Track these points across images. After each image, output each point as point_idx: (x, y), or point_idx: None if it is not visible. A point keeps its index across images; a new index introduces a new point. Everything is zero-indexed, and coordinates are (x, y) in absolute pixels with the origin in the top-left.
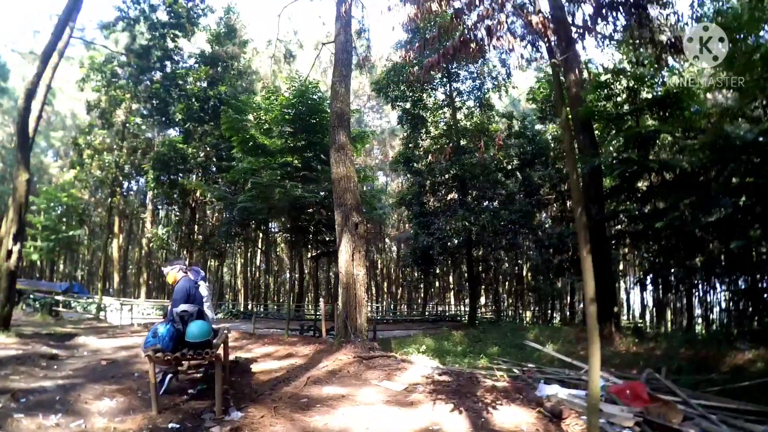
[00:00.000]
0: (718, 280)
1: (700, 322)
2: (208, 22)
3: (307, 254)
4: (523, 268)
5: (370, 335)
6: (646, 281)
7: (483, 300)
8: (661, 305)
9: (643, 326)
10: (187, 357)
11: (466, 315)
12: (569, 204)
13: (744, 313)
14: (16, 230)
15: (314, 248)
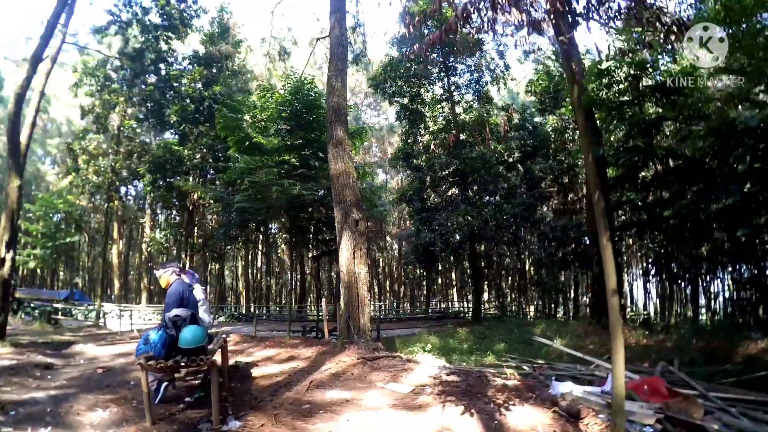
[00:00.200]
0: (724, 270)
1: (704, 312)
2: (202, 23)
3: (308, 254)
4: (525, 263)
5: (373, 335)
6: (651, 273)
7: (486, 296)
8: (665, 297)
9: (649, 318)
10: (181, 364)
11: (469, 311)
12: (571, 197)
13: (750, 303)
14: (8, 238)
15: (315, 248)
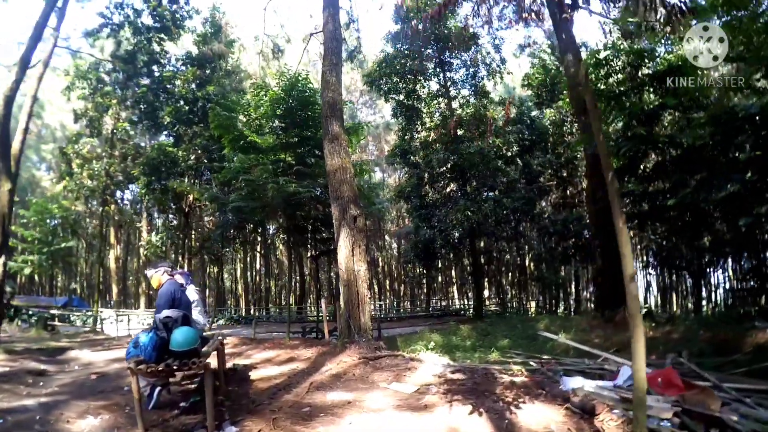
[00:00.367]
0: (726, 260)
1: (706, 304)
2: (194, 24)
3: (307, 254)
4: (526, 259)
5: (374, 334)
6: (653, 265)
7: (487, 293)
8: (665, 289)
9: (651, 311)
10: (172, 367)
11: (470, 309)
12: (570, 191)
13: (752, 293)
14: (0, 242)
15: (313, 248)
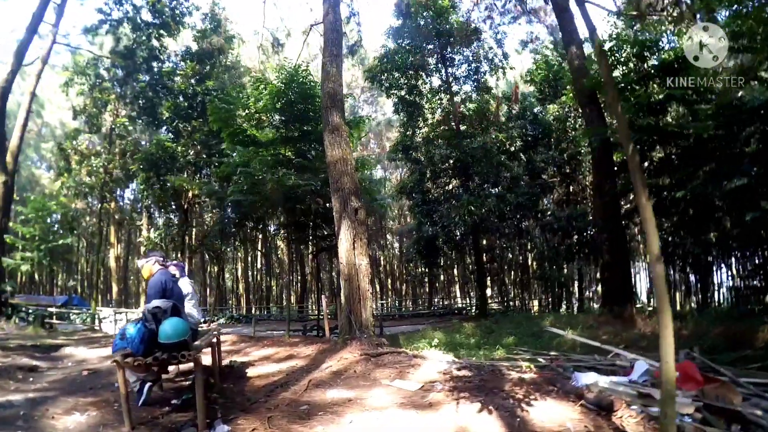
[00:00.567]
0: (732, 257)
1: (712, 300)
2: (194, 20)
3: (307, 251)
4: (528, 257)
5: (376, 331)
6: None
7: (489, 292)
8: (669, 287)
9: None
10: (161, 361)
11: (473, 307)
12: (573, 188)
13: (759, 290)
14: None
15: (314, 245)
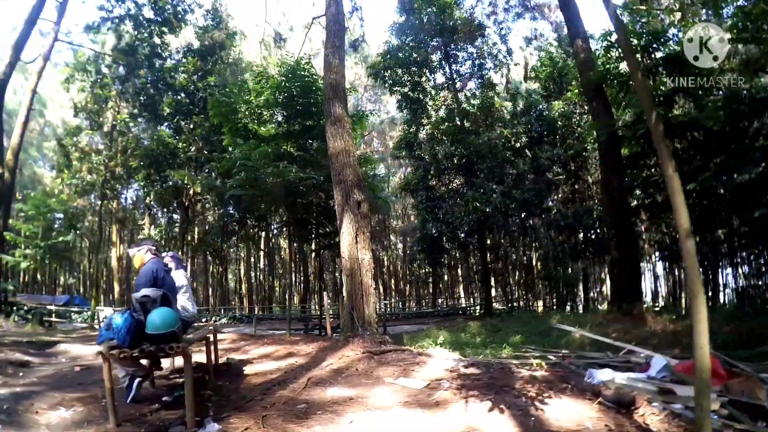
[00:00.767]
0: (739, 254)
1: (721, 297)
2: (195, 17)
3: (310, 247)
4: (533, 257)
5: (380, 330)
6: (667, 258)
7: (493, 292)
8: (675, 285)
9: (666, 306)
10: (147, 353)
11: (477, 307)
12: (578, 186)
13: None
14: None
15: (316, 243)
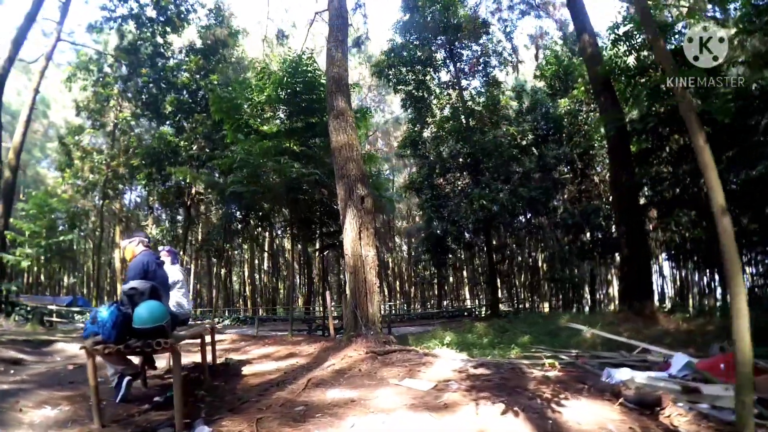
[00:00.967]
0: (750, 252)
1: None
2: (198, 16)
3: (314, 249)
4: (539, 258)
5: (384, 330)
6: (670, 259)
7: (499, 293)
8: (683, 284)
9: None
10: (133, 348)
11: (483, 308)
12: (585, 185)
13: None
14: None
15: (320, 242)
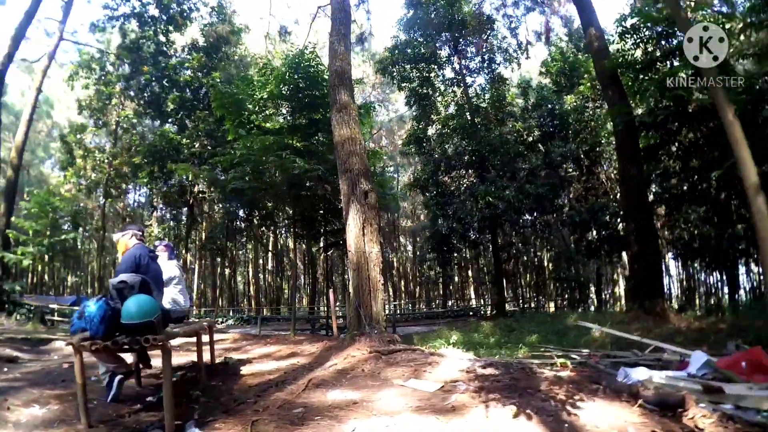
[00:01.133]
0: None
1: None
2: (201, 14)
3: (318, 248)
4: (545, 258)
5: (389, 330)
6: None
7: (505, 293)
8: (691, 283)
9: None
10: (121, 344)
11: (489, 307)
12: (592, 183)
13: None
14: None
15: (324, 241)
